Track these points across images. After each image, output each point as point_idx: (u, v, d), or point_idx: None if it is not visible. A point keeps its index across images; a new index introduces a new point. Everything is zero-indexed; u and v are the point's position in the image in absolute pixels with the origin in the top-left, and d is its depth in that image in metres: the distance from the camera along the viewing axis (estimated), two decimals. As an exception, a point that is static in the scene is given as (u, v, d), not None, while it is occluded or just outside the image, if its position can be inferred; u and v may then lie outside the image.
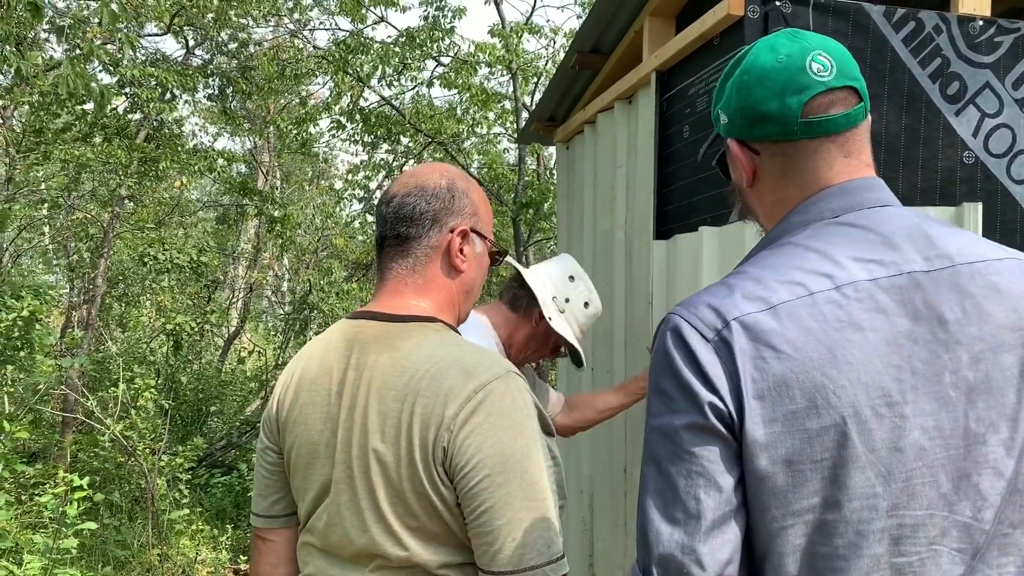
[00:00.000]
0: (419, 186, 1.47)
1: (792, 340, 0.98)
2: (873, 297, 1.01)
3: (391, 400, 1.34)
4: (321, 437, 1.42)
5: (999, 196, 2.39)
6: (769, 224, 1.19)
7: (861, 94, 1.12)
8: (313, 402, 1.44)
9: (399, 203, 1.46)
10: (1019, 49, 2.39)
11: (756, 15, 2.27)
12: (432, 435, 1.29)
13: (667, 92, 2.81)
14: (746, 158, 1.17)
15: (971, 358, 1.00)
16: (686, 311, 1.05)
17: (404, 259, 1.46)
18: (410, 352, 1.37)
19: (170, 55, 9.18)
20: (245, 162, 12.46)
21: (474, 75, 8.58)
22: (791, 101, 1.09)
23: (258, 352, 10.24)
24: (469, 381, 1.31)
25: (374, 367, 1.38)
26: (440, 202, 1.46)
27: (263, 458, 1.55)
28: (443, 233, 1.46)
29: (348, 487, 1.38)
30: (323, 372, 1.45)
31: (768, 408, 0.97)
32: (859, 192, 1.10)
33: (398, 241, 1.46)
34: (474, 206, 1.50)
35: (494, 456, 1.28)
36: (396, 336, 1.40)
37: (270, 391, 9.26)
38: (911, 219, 1.08)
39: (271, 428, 1.53)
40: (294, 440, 1.46)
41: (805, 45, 1.12)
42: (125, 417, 6.14)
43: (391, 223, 1.47)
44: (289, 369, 1.55)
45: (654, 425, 1.03)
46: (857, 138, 1.13)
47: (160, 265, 7.48)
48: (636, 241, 2.95)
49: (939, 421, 0.98)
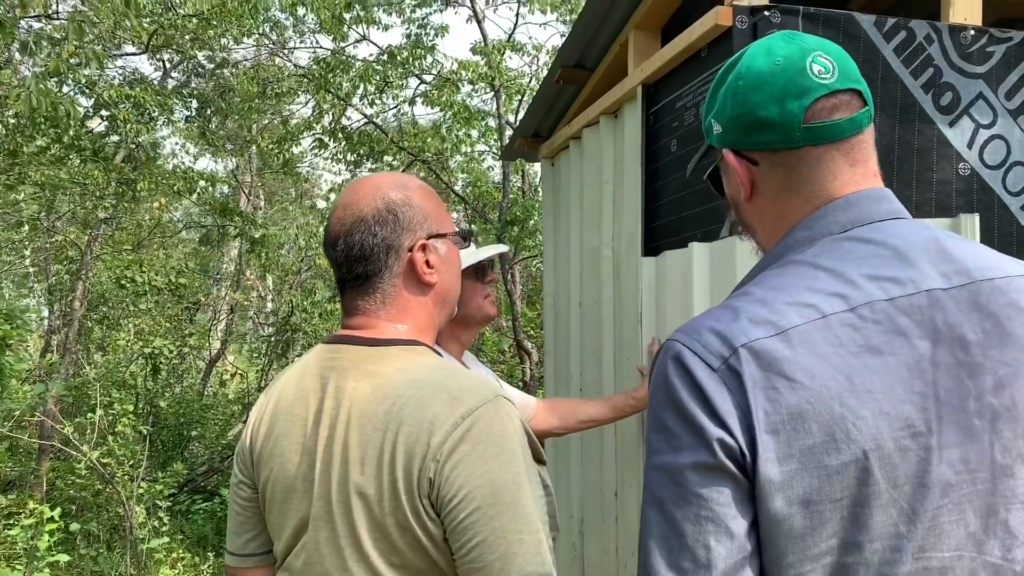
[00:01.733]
0: (358, 219, 1.38)
1: (806, 368, 0.90)
2: (891, 318, 0.93)
3: (372, 429, 1.26)
4: (298, 470, 1.33)
5: (995, 208, 2.34)
6: (770, 241, 1.10)
7: (865, 97, 1.04)
8: (288, 433, 1.36)
9: (345, 245, 1.38)
10: (1011, 59, 2.35)
11: (744, 26, 2.22)
12: (417, 465, 1.21)
13: (653, 106, 2.75)
14: (743, 169, 1.08)
15: (995, 383, 0.93)
16: (688, 337, 0.96)
17: (371, 296, 1.39)
18: (391, 377, 1.29)
19: (148, 76, 9.10)
20: (226, 183, 12.35)
21: (457, 93, 8.53)
22: (792, 106, 1.01)
23: (240, 375, 10.09)
24: (456, 407, 1.24)
25: (353, 394, 1.30)
26: (386, 227, 1.38)
27: (237, 493, 1.47)
28: (402, 256, 1.39)
29: (327, 523, 1.29)
30: (299, 401, 1.37)
31: (783, 443, 0.88)
32: (868, 204, 1.02)
33: (359, 281, 1.39)
34: (421, 211, 1.42)
35: (484, 487, 1.20)
36: (376, 361, 1.33)
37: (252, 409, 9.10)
38: (925, 232, 1.01)
39: (245, 461, 1.44)
40: (269, 474, 1.38)
41: (803, 46, 1.04)
42: (103, 443, 6.00)
43: (345, 266, 1.39)
44: (263, 398, 1.46)
45: (656, 464, 0.94)
46: (863, 145, 1.05)
47: (138, 287, 7.35)
48: (624, 258, 2.87)
49: (965, 453, 0.91)
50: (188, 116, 9.28)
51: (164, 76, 9.43)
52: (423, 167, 9.41)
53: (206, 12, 6.62)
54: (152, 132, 8.14)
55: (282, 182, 13.97)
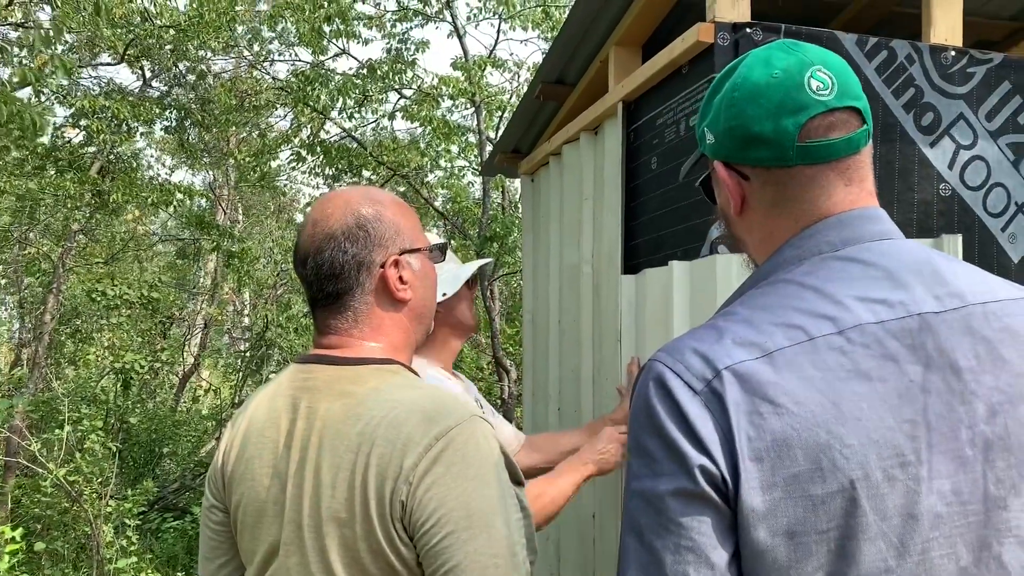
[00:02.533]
0: (327, 236, 1.34)
1: (792, 392, 0.86)
2: (881, 342, 0.89)
3: (344, 451, 1.22)
4: (269, 494, 1.29)
5: (976, 229, 2.33)
6: (759, 257, 1.07)
7: (864, 116, 1.00)
8: (260, 456, 1.32)
9: (315, 263, 1.34)
10: (991, 80, 2.35)
11: (726, 43, 2.20)
12: (389, 488, 1.17)
13: (634, 123, 2.73)
14: (734, 184, 1.05)
15: (988, 411, 0.89)
16: (670, 358, 0.92)
17: (343, 314, 1.35)
18: (365, 397, 1.25)
19: (126, 87, 9.00)
20: (203, 196, 12.24)
21: (437, 108, 8.51)
22: (787, 122, 0.97)
23: (214, 390, 9.96)
24: (430, 427, 1.20)
25: (326, 415, 1.26)
26: (357, 244, 1.34)
27: (209, 517, 1.41)
28: (374, 272, 1.35)
29: (298, 549, 1.24)
30: (270, 423, 1.33)
31: (767, 471, 0.84)
32: (860, 223, 0.99)
33: (330, 299, 1.35)
34: (393, 226, 1.38)
35: (458, 510, 1.16)
36: (349, 381, 1.29)
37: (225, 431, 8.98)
38: (918, 253, 0.97)
39: (217, 485, 1.40)
40: (240, 498, 1.33)
41: (803, 59, 1.00)
42: (71, 460, 5.87)
43: (316, 284, 1.35)
44: (235, 421, 1.42)
45: (636, 489, 0.90)
46: (859, 165, 1.01)
47: (109, 301, 7.23)
48: (604, 276, 2.84)
49: (956, 484, 0.87)
50: (167, 127, 9.17)
51: (144, 86, 9.33)
52: (402, 182, 9.36)
53: (183, 23, 6.56)
54: (129, 143, 8.05)
55: (260, 195, 13.87)
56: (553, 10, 8.72)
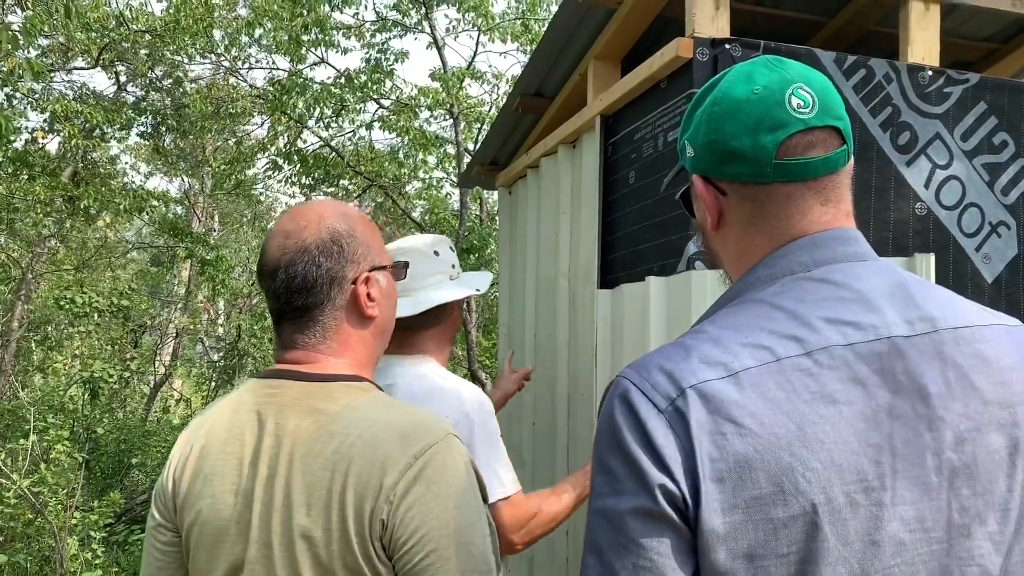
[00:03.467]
0: (300, 248, 1.31)
1: (756, 414, 0.84)
2: (849, 365, 0.87)
3: (319, 469, 1.20)
4: (232, 512, 1.25)
5: (951, 249, 2.34)
6: (735, 273, 1.05)
7: (844, 135, 0.99)
8: (221, 473, 1.28)
9: (286, 275, 1.30)
10: (968, 101, 2.36)
11: (705, 58, 2.19)
12: (369, 507, 1.16)
13: (612, 136, 2.72)
14: (711, 198, 1.03)
15: (955, 438, 0.87)
16: (637, 375, 0.91)
17: (311, 329, 1.32)
18: (338, 415, 1.23)
19: (101, 91, 8.88)
20: (179, 203, 12.12)
21: (415, 118, 8.48)
22: (765, 139, 0.96)
23: (186, 400, 9.81)
24: (408, 446, 1.19)
25: (296, 432, 1.23)
26: (331, 259, 1.31)
27: (155, 537, 1.36)
28: (345, 288, 1.33)
29: (266, 568, 1.21)
30: (232, 439, 1.29)
31: (728, 493, 0.82)
32: (834, 244, 0.97)
33: (299, 313, 1.32)
34: (365, 243, 1.36)
35: (439, 529, 1.17)
36: (319, 397, 1.26)
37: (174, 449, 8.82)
38: (891, 276, 0.96)
39: (165, 504, 1.35)
40: (196, 516, 1.29)
41: (785, 76, 0.98)
42: (36, 471, 5.74)
43: (284, 297, 1.31)
44: (187, 436, 1.37)
45: (597, 507, 0.88)
46: (837, 185, 0.99)
47: (78, 309, 7.10)
48: (580, 290, 2.82)
49: (920, 511, 0.85)
50: (142, 132, 9.06)
51: (119, 91, 9.22)
52: (380, 192, 9.31)
53: (158, 28, 6.48)
54: (103, 150, 7.94)
55: (235, 203, 13.76)
56: (532, 23, 8.74)
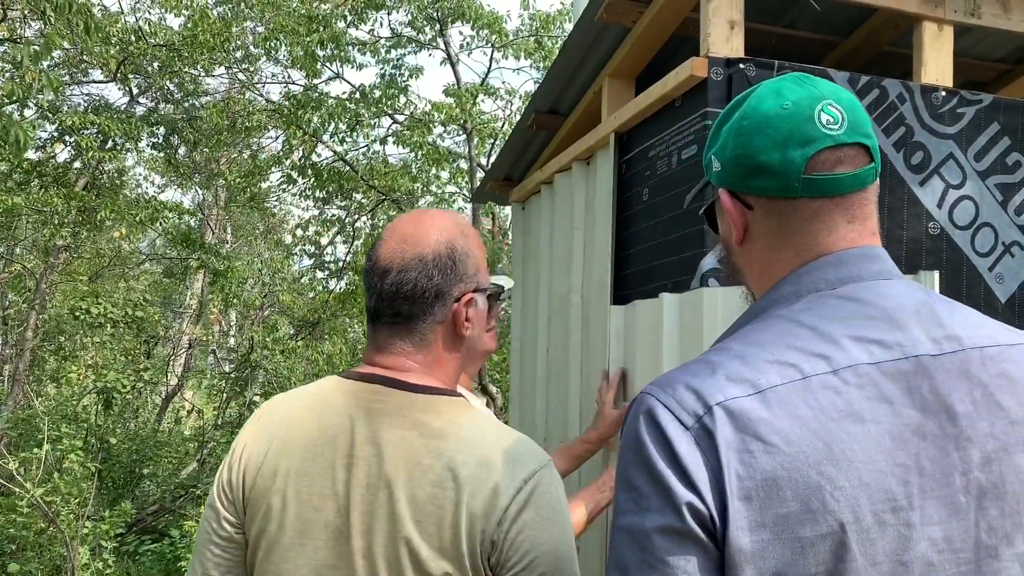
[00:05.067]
0: (418, 257, 1.31)
1: (783, 431, 0.84)
2: (876, 384, 0.88)
3: (428, 484, 1.21)
4: (318, 515, 1.25)
5: (964, 268, 2.34)
6: (758, 289, 1.06)
7: (872, 153, 1.00)
8: (309, 472, 1.27)
9: (396, 280, 1.31)
10: (981, 121, 2.37)
11: (720, 78, 2.21)
12: (480, 526, 1.19)
13: (626, 154, 2.74)
14: (738, 212, 1.04)
15: (983, 458, 0.88)
16: (662, 392, 0.91)
17: (407, 337, 1.33)
18: (444, 432, 1.25)
19: (113, 102, 8.98)
20: (192, 214, 12.21)
21: (429, 133, 8.54)
22: (794, 154, 0.97)
23: (198, 411, 9.84)
24: (518, 470, 1.23)
25: (400, 444, 1.24)
26: (443, 274, 1.32)
27: (215, 532, 1.33)
28: (448, 306, 1.33)
29: None
30: (324, 440, 1.28)
31: (755, 511, 0.82)
32: (860, 262, 0.98)
33: (398, 319, 1.33)
34: (475, 263, 1.37)
35: (548, 554, 1.20)
36: (422, 410, 1.27)
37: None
38: (917, 294, 0.96)
39: (233, 497, 1.32)
40: (274, 514, 1.27)
41: (814, 92, 0.99)
42: (48, 480, 5.77)
43: (388, 300, 1.32)
44: (261, 428, 1.34)
45: (622, 524, 0.88)
46: (864, 202, 1.00)
47: (93, 319, 7.15)
48: (593, 306, 2.83)
49: (948, 531, 0.85)
50: (155, 144, 9.14)
51: (131, 102, 9.31)
52: (393, 206, 9.36)
53: (176, 43, 6.56)
54: (119, 160, 8.01)
55: (249, 216, 13.84)
56: (546, 40, 8.79)
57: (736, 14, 2.25)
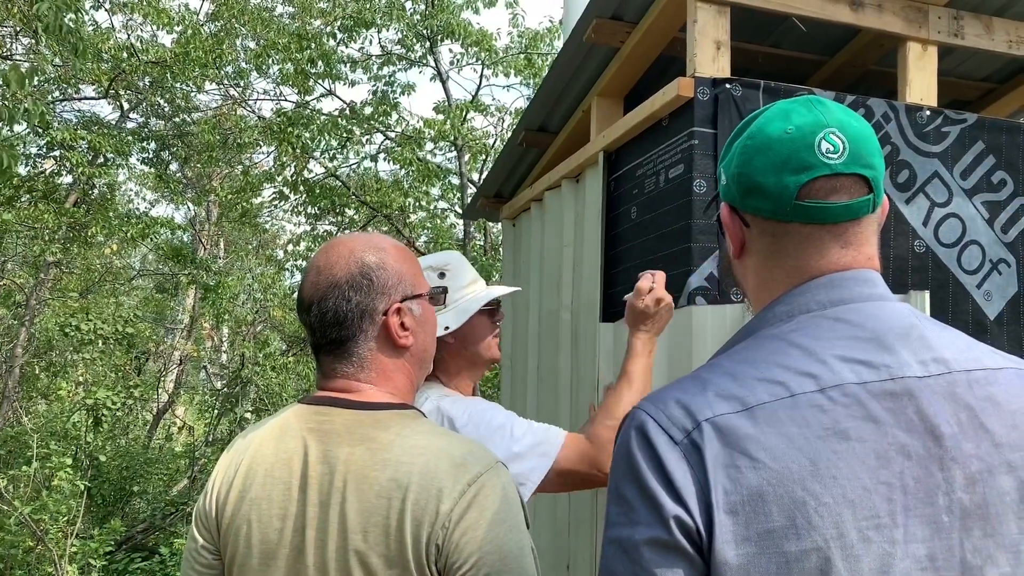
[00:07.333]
0: (331, 284, 1.35)
1: (770, 448, 0.86)
2: (861, 403, 0.89)
3: (374, 496, 1.24)
4: (280, 536, 1.29)
5: (950, 286, 2.36)
6: (755, 303, 1.08)
7: (872, 184, 1.00)
8: (268, 497, 1.31)
9: (319, 310, 1.35)
10: (966, 140, 2.39)
11: (706, 97, 2.23)
12: (425, 533, 1.21)
13: (615, 172, 2.75)
14: (735, 228, 1.07)
15: (966, 479, 0.89)
16: (654, 407, 0.93)
17: (347, 360, 1.36)
18: (391, 444, 1.27)
19: (104, 117, 8.98)
20: (184, 229, 12.19)
21: (420, 149, 8.56)
22: (788, 179, 0.98)
23: (188, 428, 9.79)
24: (461, 474, 1.24)
25: (349, 460, 1.27)
26: (360, 293, 1.35)
27: (195, 559, 1.39)
28: (376, 320, 1.36)
29: None
30: (280, 464, 1.32)
31: (741, 525, 0.84)
32: (851, 285, 0.99)
33: (334, 345, 1.36)
34: (396, 274, 1.39)
35: (493, 554, 1.21)
36: (370, 426, 1.30)
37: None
38: (906, 317, 0.97)
39: (208, 524, 1.37)
40: (242, 539, 1.31)
41: (820, 119, 1.00)
42: (37, 498, 5.73)
43: (319, 331, 1.36)
44: (231, 458, 1.39)
45: (612, 536, 0.90)
46: (859, 231, 1.01)
47: (83, 336, 7.12)
48: (582, 323, 2.84)
49: (932, 550, 0.86)
50: (145, 159, 9.14)
51: (122, 117, 9.30)
52: (385, 222, 9.37)
53: (168, 60, 6.57)
54: (111, 176, 7.99)
55: (241, 231, 13.83)
56: (535, 58, 8.84)
57: (722, 34, 2.28)
